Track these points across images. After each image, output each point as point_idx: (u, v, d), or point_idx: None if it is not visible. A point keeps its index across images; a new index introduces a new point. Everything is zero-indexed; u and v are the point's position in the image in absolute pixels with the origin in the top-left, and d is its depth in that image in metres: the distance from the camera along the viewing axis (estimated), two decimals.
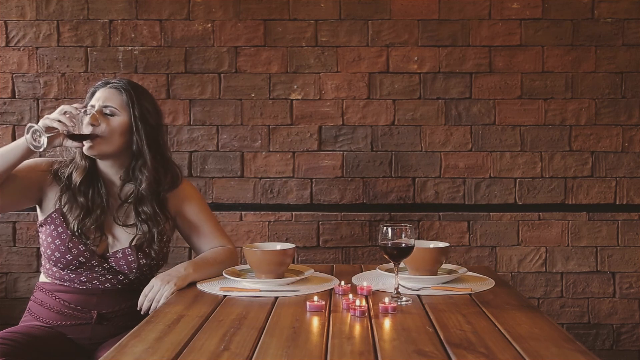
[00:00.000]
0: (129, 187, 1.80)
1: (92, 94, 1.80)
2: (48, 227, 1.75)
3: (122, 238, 1.78)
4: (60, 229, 1.73)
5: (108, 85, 1.78)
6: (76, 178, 1.75)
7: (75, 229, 1.72)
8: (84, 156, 1.76)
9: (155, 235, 1.78)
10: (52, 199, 1.77)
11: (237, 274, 1.81)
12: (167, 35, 2.70)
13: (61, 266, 1.73)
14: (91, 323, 1.73)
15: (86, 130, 1.70)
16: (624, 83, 2.70)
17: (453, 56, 2.70)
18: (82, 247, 1.72)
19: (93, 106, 1.75)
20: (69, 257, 1.72)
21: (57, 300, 1.74)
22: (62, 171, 1.78)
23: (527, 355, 1.14)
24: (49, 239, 1.74)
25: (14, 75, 2.71)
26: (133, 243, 1.76)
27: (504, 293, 1.65)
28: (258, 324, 1.36)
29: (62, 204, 1.75)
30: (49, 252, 1.74)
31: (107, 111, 1.74)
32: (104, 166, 1.80)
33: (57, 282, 1.76)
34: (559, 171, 2.72)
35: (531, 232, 2.72)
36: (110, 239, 1.78)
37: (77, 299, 1.74)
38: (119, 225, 1.78)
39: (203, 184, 2.72)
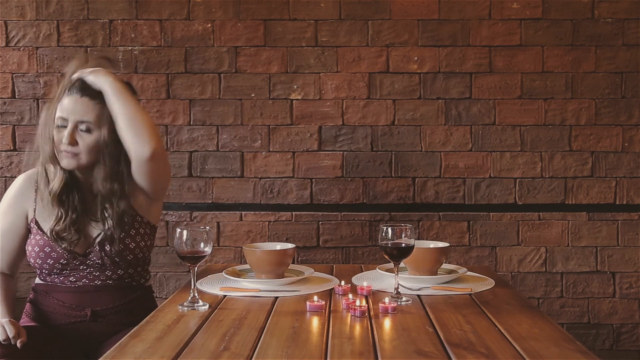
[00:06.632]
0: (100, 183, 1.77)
1: (63, 94, 1.72)
2: (29, 237, 1.77)
3: (96, 233, 1.76)
4: (37, 237, 1.74)
5: (81, 95, 1.71)
6: (53, 187, 1.73)
7: (51, 234, 1.72)
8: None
9: (117, 235, 1.74)
10: (31, 209, 1.77)
11: (237, 274, 1.82)
12: (167, 35, 2.70)
13: (46, 271, 1.74)
14: (86, 321, 1.73)
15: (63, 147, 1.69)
16: (624, 83, 2.70)
17: (453, 56, 2.70)
18: (60, 250, 1.71)
19: (65, 119, 1.70)
20: (50, 261, 1.72)
21: (52, 299, 1.75)
22: (37, 179, 1.77)
23: (527, 355, 1.14)
24: (29, 248, 1.75)
25: (14, 75, 2.71)
26: (97, 240, 1.74)
27: (504, 293, 1.65)
28: (258, 324, 1.36)
29: (36, 212, 1.76)
30: (31, 260, 1.75)
31: (83, 127, 1.70)
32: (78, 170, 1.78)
33: (50, 283, 1.77)
34: (559, 171, 2.72)
35: (531, 232, 2.72)
36: (88, 237, 1.76)
37: (71, 297, 1.74)
38: (92, 220, 1.76)
39: (203, 184, 2.72)
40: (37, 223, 1.75)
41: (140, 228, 1.81)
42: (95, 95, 1.72)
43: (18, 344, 1.53)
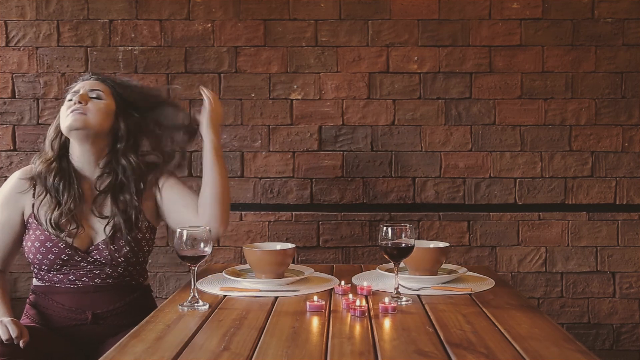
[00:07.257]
0: (107, 178, 1.79)
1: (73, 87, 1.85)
2: (27, 232, 1.76)
3: (100, 230, 1.77)
4: (37, 232, 1.73)
5: (91, 77, 1.85)
6: (46, 173, 1.75)
7: (49, 225, 1.72)
8: (58, 145, 1.78)
9: (133, 221, 1.76)
10: (28, 205, 1.77)
11: (237, 274, 1.82)
12: (167, 35, 2.70)
13: (46, 268, 1.73)
14: (86, 323, 1.73)
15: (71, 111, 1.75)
16: (624, 83, 2.70)
17: (453, 56, 2.70)
18: (62, 245, 1.71)
19: (77, 92, 1.78)
20: (51, 256, 1.71)
21: (52, 302, 1.74)
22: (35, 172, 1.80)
23: (527, 355, 1.14)
24: (29, 244, 1.74)
25: (14, 75, 2.71)
26: (109, 233, 1.75)
27: (504, 293, 1.65)
28: (258, 324, 1.36)
29: (35, 207, 1.76)
30: (31, 256, 1.74)
31: (94, 94, 1.78)
32: (80, 153, 1.79)
33: (48, 284, 1.76)
34: (559, 171, 2.72)
35: (531, 232, 2.72)
36: (90, 232, 1.76)
37: (70, 299, 1.74)
38: (96, 216, 1.77)
39: None
40: (36, 218, 1.74)
41: (147, 233, 1.83)
42: (106, 80, 1.84)
43: (21, 344, 1.53)
